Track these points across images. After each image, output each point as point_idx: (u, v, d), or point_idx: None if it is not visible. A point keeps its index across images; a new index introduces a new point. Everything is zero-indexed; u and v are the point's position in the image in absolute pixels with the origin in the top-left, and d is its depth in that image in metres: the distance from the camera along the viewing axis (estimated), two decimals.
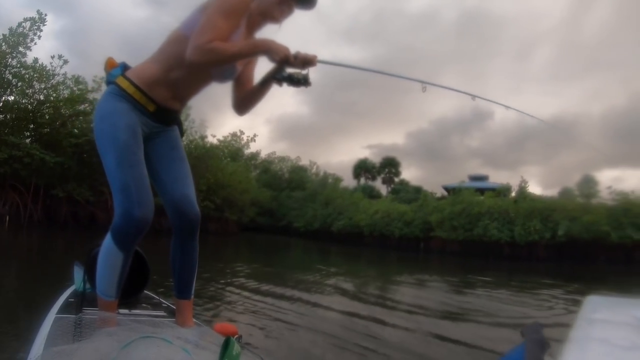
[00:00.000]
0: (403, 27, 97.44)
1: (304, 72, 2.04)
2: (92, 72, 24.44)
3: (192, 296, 2.22)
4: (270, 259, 16.90)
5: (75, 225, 23.78)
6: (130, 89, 1.97)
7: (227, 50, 1.90)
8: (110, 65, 2.09)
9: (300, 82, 2.04)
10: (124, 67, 2.08)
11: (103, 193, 24.05)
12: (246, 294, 7.22)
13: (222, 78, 2.15)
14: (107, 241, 1.95)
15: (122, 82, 1.98)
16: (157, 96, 2.02)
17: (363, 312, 6.43)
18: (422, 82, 2.25)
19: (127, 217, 1.88)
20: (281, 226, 40.54)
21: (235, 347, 1.52)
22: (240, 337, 2.18)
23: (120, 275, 1.96)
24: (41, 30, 21.84)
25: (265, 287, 8.06)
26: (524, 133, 75.01)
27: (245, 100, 2.28)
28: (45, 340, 1.74)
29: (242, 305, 6.27)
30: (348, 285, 9.60)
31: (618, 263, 20.65)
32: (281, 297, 7.15)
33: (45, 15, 21.81)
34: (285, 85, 2.08)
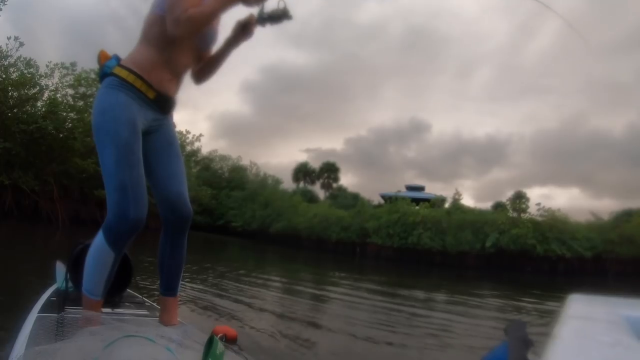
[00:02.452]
0: (350, 36, 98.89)
1: (280, 6, 2.00)
2: (36, 50, 23.28)
3: (178, 293, 2.20)
4: (214, 256, 16.88)
5: (19, 214, 22.69)
6: (130, 77, 1.94)
7: (204, 12, 1.90)
8: (103, 57, 2.04)
9: (282, 17, 2.02)
10: (118, 58, 2.05)
11: (48, 183, 23.15)
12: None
13: (207, 44, 2.17)
14: (99, 240, 1.91)
15: (121, 72, 1.96)
16: (156, 80, 1.99)
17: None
18: None
19: (122, 217, 1.86)
20: (219, 225, 40.08)
21: (219, 346, 1.53)
22: (230, 339, 2.12)
23: (109, 274, 1.93)
24: (1, 9, 20.80)
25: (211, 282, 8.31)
26: (459, 147, 78.63)
27: (207, 67, 2.28)
28: (27, 339, 1.71)
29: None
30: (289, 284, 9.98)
31: (542, 274, 22.08)
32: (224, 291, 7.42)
33: None
34: (268, 26, 2.08)
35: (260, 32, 2.12)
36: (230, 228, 38.67)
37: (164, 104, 2.08)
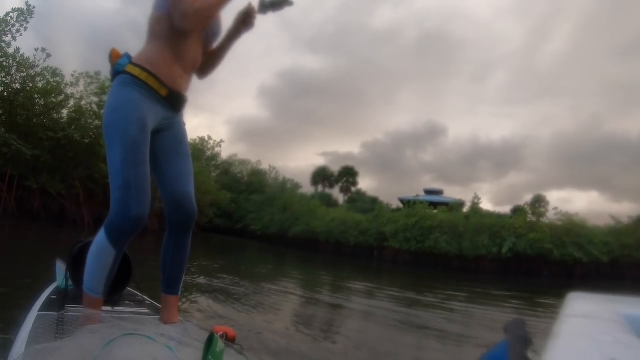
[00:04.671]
0: (365, 41, 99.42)
1: None
2: (58, 57, 24.09)
3: (180, 292, 2.21)
4: (232, 258, 17.25)
5: (46, 216, 23.60)
6: (143, 75, 1.95)
7: (210, 4, 1.93)
8: (115, 56, 2.04)
9: (283, 3, 2.05)
10: (129, 56, 2.05)
11: (74, 187, 24.13)
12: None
13: (213, 37, 2.20)
14: (100, 237, 1.90)
15: (133, 70, 1.96)
16: (167, 77, 2.00)
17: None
18: None
19: (124, 215, 1.86)
20: (238, 228, 40.63)
21: (219, 344, 1.52)
22: (229, 339, 2.08)
23: (110, 272, 1.93)
24: (28, 22, 21.72)
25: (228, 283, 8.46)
26: (476, 151, 78.15)
27: (210, 60, 2.29)
28: (28, 338, 1.69)
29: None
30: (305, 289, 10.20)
31: (559, 278, 21.99)
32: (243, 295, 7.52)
33: (34, 7, 21.73)
34: (270, 14, 2.11)
35: (277, 38, 2.16)
36: (249, 231, 39.17)
37: (176, 101, 2.08)
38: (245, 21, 2.19)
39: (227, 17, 2.21)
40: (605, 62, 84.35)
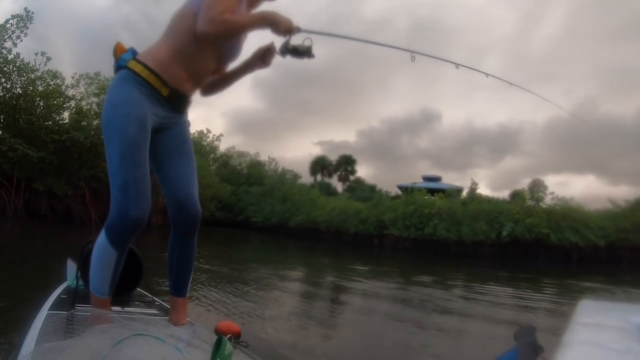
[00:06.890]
0: (358, 31, 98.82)
1: (306, 44, 2.04)
2: (53, 57, 24.26)
3: (188, 294, 2.20)
4: (234, 249, 17.56)
5: (53, 217, 24.22)
6: (144, 73, 1.91)
7: (237, 21, 1.91)
8: (119, 50, 2.00)
9: (304, 53, 2.06)
10: (134, 52, 2.01)
11: (80, 188, 24.64)
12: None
13: (229, 57, 2.17)
14: (101, 238, 1.91)
15: (136, 66, 1.92)
16: (171, 78, 1.97)
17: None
18: (411, 51, 2.31)
19: (123, 216, 1.85)
20: (239, 221, 40.87)
21: (228, 347, 1.53)
22: (234, 336, 2.15)
23: (114, 272, 1.93)
24: (27, 28, 22.05)
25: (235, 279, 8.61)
26: (472, 137, 78.24)
27: (218, 82, 2.29)
28: (37, 336, 1.70)
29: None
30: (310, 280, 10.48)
31: (556, 262, 22.37)
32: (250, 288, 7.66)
33: (32, 13, 22.03)
34: (288, 57, 2.10)
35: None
36: (250, 223, 39.38)
37: (177, 102, 2.03)
38: (263, 57, 2.19)
39: (247, 47, 2.23)
40: (599, 45, 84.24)
